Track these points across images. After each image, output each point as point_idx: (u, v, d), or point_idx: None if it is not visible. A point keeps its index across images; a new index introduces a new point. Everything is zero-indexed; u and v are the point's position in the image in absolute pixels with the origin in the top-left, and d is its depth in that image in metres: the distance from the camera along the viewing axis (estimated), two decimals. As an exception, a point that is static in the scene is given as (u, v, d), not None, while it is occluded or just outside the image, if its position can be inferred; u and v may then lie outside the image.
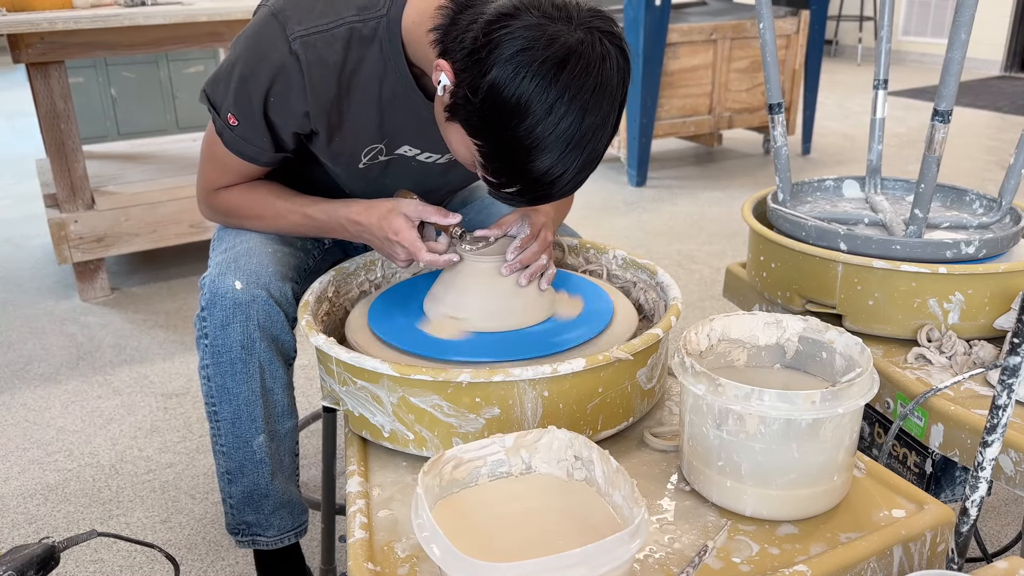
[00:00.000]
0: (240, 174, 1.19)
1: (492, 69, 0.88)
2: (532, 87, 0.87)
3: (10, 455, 1.86)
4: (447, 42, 0.96)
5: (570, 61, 0.87)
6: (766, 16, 1.31)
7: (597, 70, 0.88)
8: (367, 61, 1.07)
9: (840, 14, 7.08)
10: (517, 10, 0.89)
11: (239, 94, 1.09)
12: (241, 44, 1.09)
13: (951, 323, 1.20)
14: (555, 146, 0.89)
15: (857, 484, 0.90)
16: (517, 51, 0.87)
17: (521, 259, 1.08)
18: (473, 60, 0.90)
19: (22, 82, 5.74)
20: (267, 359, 1.15)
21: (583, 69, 0.87)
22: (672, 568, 0.79)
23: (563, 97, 0.87)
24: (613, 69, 0.90)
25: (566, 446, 0.82)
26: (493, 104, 0.89)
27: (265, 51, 1.06)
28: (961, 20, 1.09)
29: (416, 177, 1.22)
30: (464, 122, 0.94)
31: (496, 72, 0.87)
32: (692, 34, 3.64)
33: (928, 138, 1.19)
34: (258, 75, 1.07)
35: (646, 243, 3.07)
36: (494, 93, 0.88)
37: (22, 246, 3.15)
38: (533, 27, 0.88)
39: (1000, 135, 4.56)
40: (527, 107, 0.87)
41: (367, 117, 1.12)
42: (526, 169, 0.91)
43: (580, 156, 0.91)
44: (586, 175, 0.94)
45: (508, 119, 0.88)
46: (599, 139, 0.91)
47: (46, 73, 2.41)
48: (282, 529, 1.27)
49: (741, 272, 1.49)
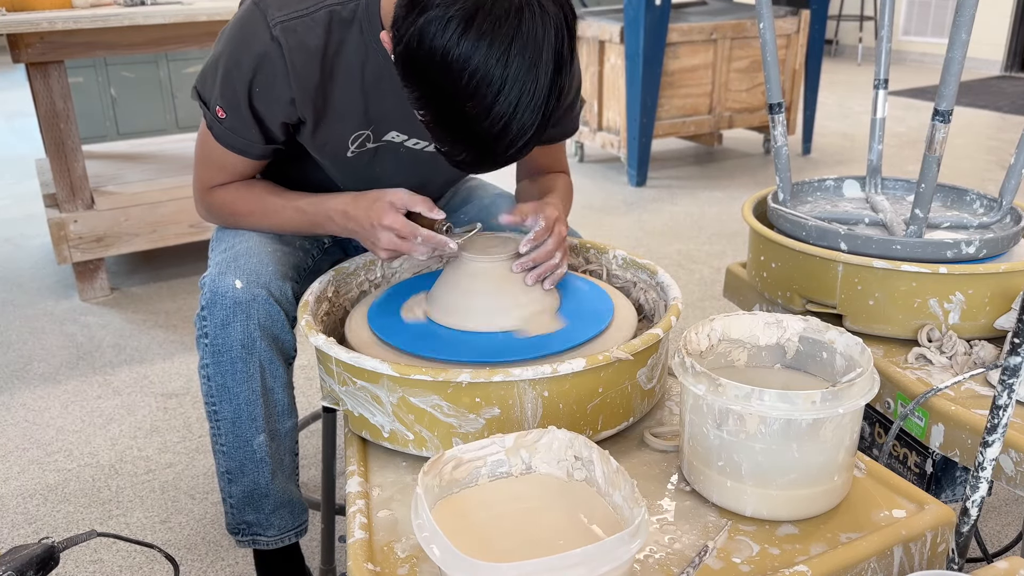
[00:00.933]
0: (234, 170, 1.19)
1: (412, 27, 0.88)
2: (447, 39, 0.86)
3: (10, 455, 1.86)
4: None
5: (479, 13, 0.86)
6: (766, 16, 1.31)
7: (514, 20, 0.87)
8: (348, 44, 1.08)
9: (840, 14, 7.08)
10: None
11: (225, 86, 1.10)
12: (225, 36, 1.10)
13: (951, 323, 1.20)
14: (483, 97, 0.88)
15: (857, 484, 0.90)
16: (435, 5, 0.86)
17: (534, 257, 1.07)
18: (403, 23, 0.89)
19: (22, 82, 5.74)
20: (267, 358, 1.15)
21: (496, 19, 0.86)
22: (672, 568, 0.79)
23: (479, 46, 0.86)
24: (538, 22, 0.88)
25: (566, 446, 0.82)
26: (416, 61, 0.88)
27: (247, 41, 1.07)
28: (961, 20, 1.09)
29: (406, 166, 1.22)
30: (404, 87, 0.93)
31: (416, 30, 0.87)
32: (692, 34, 3.64)
33: (928, 138, 1.18)
34: (241, 66, 1.08)
35: (646, 243, 3.07)
36: (416, 50, 0.88)
37: (22, 246, 3.15)
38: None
39: (1000, 135, 4.56)
40: (445, 59, 0.87)
41: (352, 101, 1.12)
42: (462, 126, 0.90)
43: (515, 107, 0.89)
44: (531, 132, 0.91)
45: (433, 75, 0.88)
46: (532, 91, 0.89)
47: (46, 73, 2.41)
48: (282, 529, 1.27)
49: (741, 272, 1.49)
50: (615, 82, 3.70)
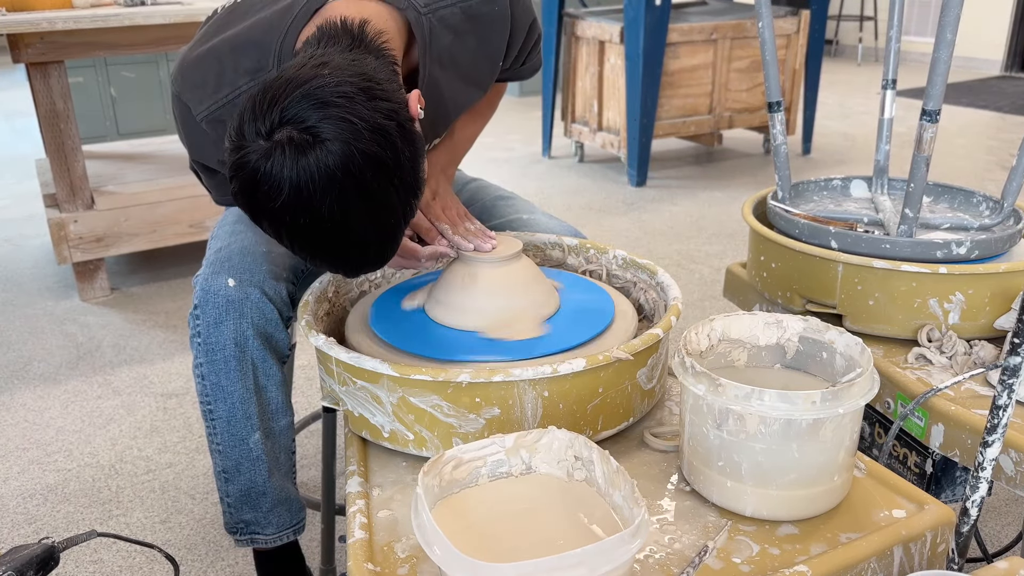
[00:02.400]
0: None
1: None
2: (240, 202, 0.86)
3: (10, 455, 1.86)
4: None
5: (258, 186, 0.83)
6: (765, 15, 1.31)
7: (283, 191, 0.82)
8: None
9: (840, 14, 7.08)
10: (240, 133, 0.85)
11: (194, 165, 1.19)
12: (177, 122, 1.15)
13: (951, 323, 1.20)
14: (294, 245, 0.88)
15: (857, 484, 0.90)
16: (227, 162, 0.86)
17: (455, 243, 1.08)
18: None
19: (22, 82, 5.74)
20: (260, 357, 1.15)
21: (266, 193, 0.82)
22: (672, 568, 0.79)
23: (267, 220, 0.86)
24: (301, 176, 0.81)
25: (566, 446, 0.82)
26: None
27: (188, 130, 1.11)
28: (947, 20, 1.09)
29: None
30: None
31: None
32: (692, 34, 3.64)
33: (917, 138, 1.19)
34: (192, 149, 1.15)
35: (646, 243, 3.07)
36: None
37: (22, 246, 3.14)
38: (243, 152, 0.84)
39: (1000, 135, 4.56)
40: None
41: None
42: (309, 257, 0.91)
43: (330, 250, 0.87)
44: (377, 249, 0.90)
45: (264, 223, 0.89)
46: (334, 236, 0.85)
47: (46, 73, 2.41)
48: (280, 527, 1.27)
49: (741, 272, 1.49)
50: (615, 82, 3.70)
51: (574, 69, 3.96)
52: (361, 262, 0.91)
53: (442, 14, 1.06)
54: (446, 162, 1.25)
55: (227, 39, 1.05)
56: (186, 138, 1.13)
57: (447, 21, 1.07)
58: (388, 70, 0.92)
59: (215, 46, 1.05)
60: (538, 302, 1.07)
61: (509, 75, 1.24)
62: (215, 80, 1.04)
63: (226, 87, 1.04)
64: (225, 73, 1.04)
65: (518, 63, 1.23)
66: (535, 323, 1.04)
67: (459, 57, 1.10)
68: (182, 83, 1.06)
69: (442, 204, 1.15)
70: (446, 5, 1.07)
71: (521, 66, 1.25)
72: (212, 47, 1.05)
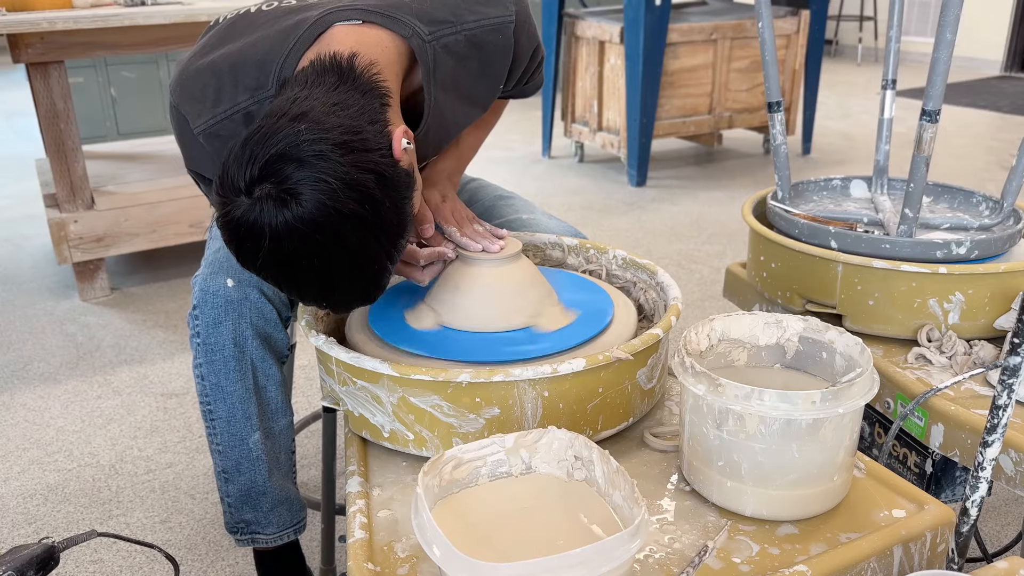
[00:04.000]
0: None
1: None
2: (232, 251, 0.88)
3: (10, 455, 1.86)
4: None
5: (243, 237, 0.85)
6: (765, 15, 1.31)
7: (269, 243, 0.84)
8: None
9: (840, 14, 7.08)
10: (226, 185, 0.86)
11: (191, 172, 1.18)
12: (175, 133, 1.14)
13: (951, 323, 1.20)
14: (280, 288, 0.90)
15: (857, 484, 0.90)
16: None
17: (463, 245, 1.08)
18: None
19: (22, 82, 5.74)
20: (259, 356, 1.15)
21: (249, 248, 0.85)
22: (672, 568, 0.79)
23: (252, 269, 0.88)
24: (287, 231, 0.83)
25: (566, 446, 0.82)
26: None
27: (185, 141, 1.11)
28: (946, 20, 1.09)
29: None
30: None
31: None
32: (692, 34, 3.64)
33: (917, 138, 1.19)
34: (191, 161, 1.14)
35: (646, 243, 3.07)
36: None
37: (22, 246, 3.14)
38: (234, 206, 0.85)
39: (1000, 135, 4.56)
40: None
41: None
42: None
43: (315, 295, 0.90)
44: (350, 294, 0.91)
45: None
46: (317, 284, 0.88)
47: (46, 73, 2.41)
48: (281, 526, 1.27)
49: (741, 272, 1.49)
50: (615, 82, 3.70)
51: (574, 69, 3.96)
52: (347, 303, 0.94)
53: (446, 42, 1.06)
54: (452, 169, 1.25)
55: (228, 55, 1.05)
56: (183, 149, 1.12)
57: (451, 48, 1.06)
58: (374, 108, 0.92)
59: (215, 61, 1.05)
60: (536, 302, 1.07)
61: (510, 94, 1.23)
62: (214, 95, 1.03)
63: (225, 103, 1.03)
64: (224, 89, 1.03)
65: (520, 84, 1.23)
66: (539, 322, 1.05)
67: (461, 80, 1.10)
68: (180, 95, 1.06)
69: (451, 207, 1.15)
70: (450, 33, 1.06)
71: (524, 85, 1.25)
72: (212, 61, 1.05)
